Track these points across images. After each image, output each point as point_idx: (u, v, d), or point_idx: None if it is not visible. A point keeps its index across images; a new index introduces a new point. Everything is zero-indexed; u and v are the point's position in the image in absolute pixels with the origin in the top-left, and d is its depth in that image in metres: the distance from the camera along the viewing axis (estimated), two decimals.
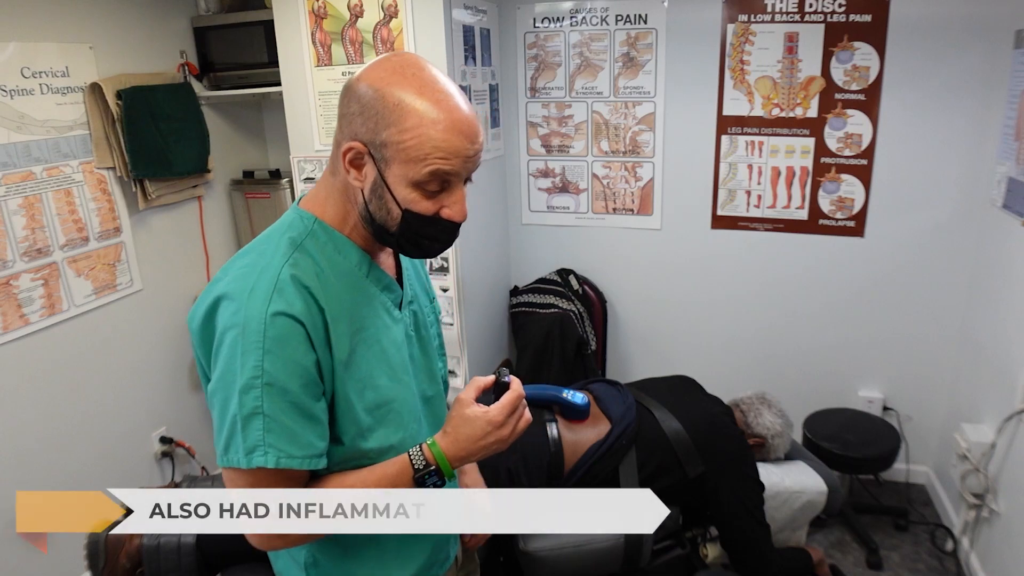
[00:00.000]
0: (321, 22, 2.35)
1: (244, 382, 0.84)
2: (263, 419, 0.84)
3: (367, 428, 0.95)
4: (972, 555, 2.29)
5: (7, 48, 2.02)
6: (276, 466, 0.85)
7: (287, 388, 0.85)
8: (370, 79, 0.86)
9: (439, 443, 0.93)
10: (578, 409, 1.88)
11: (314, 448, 0.88)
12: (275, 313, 0.84)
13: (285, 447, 0.86)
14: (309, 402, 0.87)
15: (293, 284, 0.87)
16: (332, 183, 0.94)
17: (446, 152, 0.85)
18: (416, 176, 0.86)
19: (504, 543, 1.89)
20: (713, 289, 2.88)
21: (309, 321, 0.87)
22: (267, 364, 0.84)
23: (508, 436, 0.94)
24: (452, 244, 0.97)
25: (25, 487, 2.07)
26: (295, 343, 0.85)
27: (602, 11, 2.70)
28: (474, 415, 0.93)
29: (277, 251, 0.90)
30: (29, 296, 2.10)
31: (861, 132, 2.53)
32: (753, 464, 1.89)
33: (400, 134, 0.84)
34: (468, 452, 0.94)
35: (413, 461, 0.92)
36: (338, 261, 0.94)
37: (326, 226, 0.94)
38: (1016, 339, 2.08)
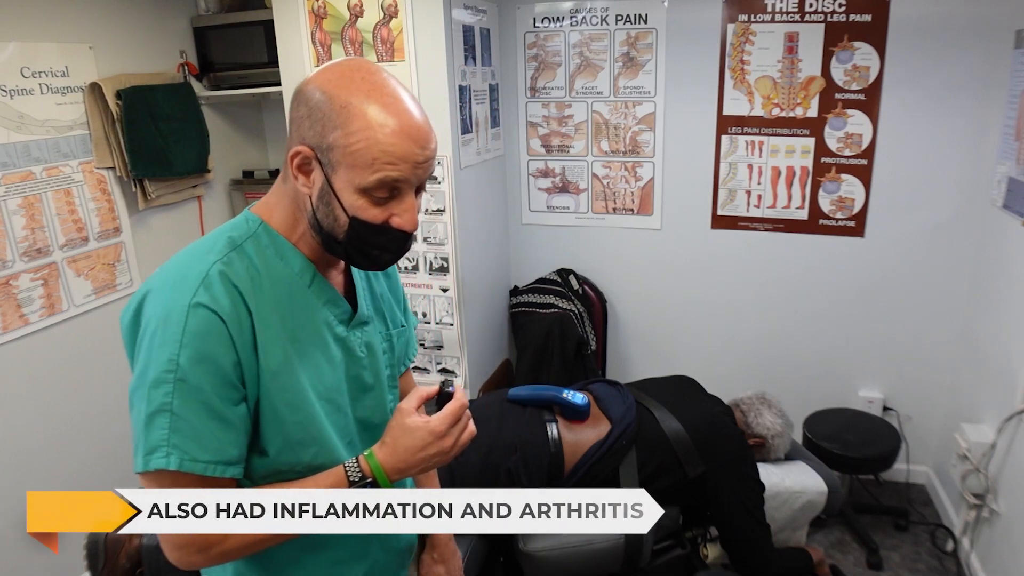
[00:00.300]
0: (321, 22, 2.35)
1: (155, 376, 0.80)
2: (170, 417, 0.80)
3: (297, 442, 0.90)
4: (972, 555, 2.29)
5: (7, 48, 2.02)
6: (179, 469, 0.80)
7: (200, 387, 0.80)
8: (320, 82, 0.83)
9: (376, 454, 0.90)
10: (578, 409, 1.88)
11: (224, 454, 0.83)
12: (197, 304, 0.80)
13: (191, 449, 0.80)
14: (224, 405, 0.82)
15: (221, 281, 0.83)
16: (283, 189, 0.91)
17: (394, 157, 0.82)
18: (363, 182, 0.82)
19: (504, 543, 1.89)
20: (713, 289, 2.88)
21: (234, 320, 0.83)
22: (182, 358, 0.79)
23: (450, 448, 0.92)
24: (402, 255, 0.93)
25: (25, 487, 2.07)
26: (215, 339, 0.81)
27: (602, 11, 2.70)
28: (415, 425, 0.89)
29: (212, 249, 0.87)
30: (29, 296, 2.10)
31: (861, 132, 2.53)
32: (753, 464, 1.89)
33: (347, 137, 0.81)
34: (407, 464, 0.90)
35: (349, 473, 0.88)
36: (278, 267, 0.90)
37: (271, 230, 0.90)
38: (1016, 339, 2.08)
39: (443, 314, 2.54)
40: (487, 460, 1.78)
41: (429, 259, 2.49)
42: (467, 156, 2.51)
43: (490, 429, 1.85)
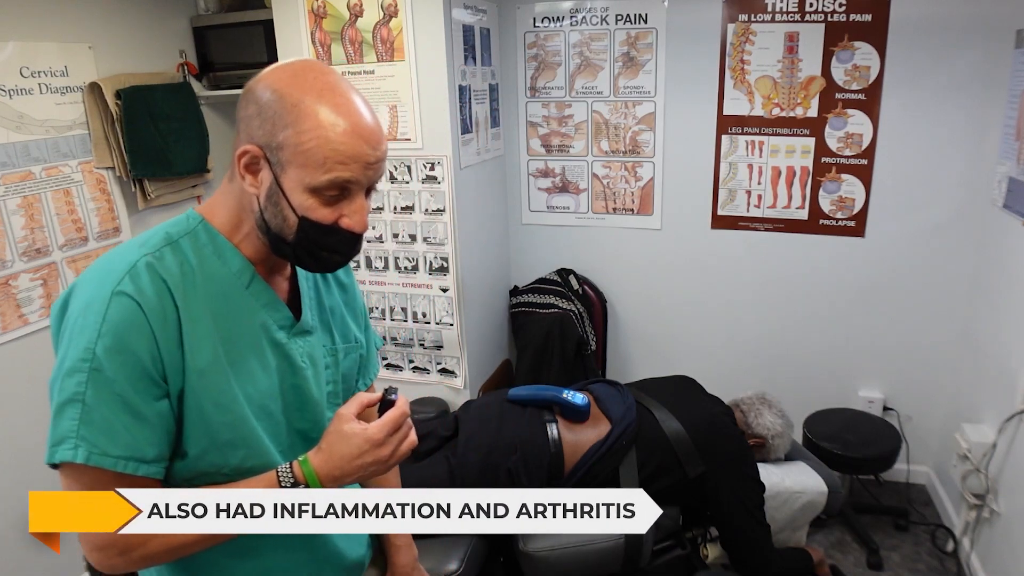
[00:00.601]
0: (321, 22, 2.35)
1: (71, 364, 0.77)
2: (81, 407, 0.76)
3: (225, 443, 0.87)
4: (973, 555, 2.29)
5: (6, 48, 2.02)
6: (86, 462, 0.76)
7: (116, 378, 0.77)
8: (270, 81, 0.82)
9: (311, 460, 0.87)
10: (578, 409, 1.87)
11: (137, 451, 0.80)
12: (119, 293, 0.78)
13: (100, 442, 0.77)
14: (140, 400, 0.79)
15: (148, 273, 0.81)
16: (229, 189, 0.89)
17: (346, 157, 0.81)
18: (314, 182, 0.81)
19: (504, 543, 1.89)
20: (713, 289, 2.88)
21: (158, 314, 0.80)
22: (99, 348, 0.76)
23: (388, 457, 0.88)
24: (352, 258, 0.91)
25: (25, 487, 2.07)
26: (135, 330, 0.78)
27: (602, 11, 2.70)
28: (352, 432, 0.86)
29: (146, 243, 0.85)
30: (28, 296, 2.10)
31: (861, 132, 2.53)
32: (753, 464, 1.88)
33: (298, 136, 0.80)
34: (343, 472, 0.87)
35: (281, 479, 0.86)
36: (215, 265, 0.88)
37: (211, 229, 0.89)
38: (1017, 339, 2.08)
39: (443, 314, 2.53)
40: (487, 460, 1.78)
41: (429, 259, 2.49)
42: (467, 156, 2.51)
43: (490, 429, 1.85)
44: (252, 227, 0.89)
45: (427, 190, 2.42)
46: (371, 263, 2.57)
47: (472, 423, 1.89)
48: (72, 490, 0.81)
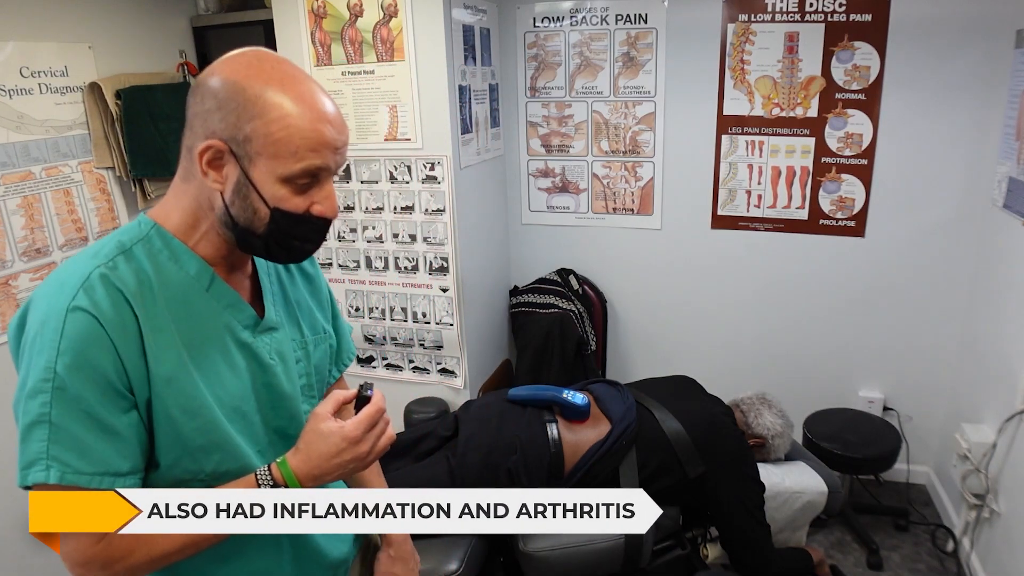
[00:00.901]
0: (321, 22, 2.35)
1: (32, 385, 0.76)
2: (48, 427, 0.75)
3: (197, 448, 0.86)
4: (973, 555, 2.29)
5: (6, 47, 2.02)
6: (60, 482, 0.75)
7: (81, 395, 0.76)
8: (227, 74, 0.80)
9: (290, 461, 0.86)
10: (578, 409, 1.87)
11: (111, 466, 0.79)
12: (75, 308, 0.76)
13: (72, 461, 0.76)
14: (108, 414, 0.78)
15: (103, 284, 0.79)
16: (183, 190, 0.87)
17: (316, 144, 0.81)
18: (287, 171, 0.81)
19: (504, 543, 1.89)
20: (713, 289, 2.88)
21: (116, 325, 0.78)
22: (59, 366, 0.75)
23: (366, 454, 0.88)
24: (321, 245, 0.91)
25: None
26: (95, 344, 0.77)
27: (602, 11, 2.70)
28: (328, 430, 0.86)
29: (99, 253, 0.83)
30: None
31: (861, 132, 2.53)
32: (753, 464, 1.88)
33: (267, 126, 0.79)
34: (322, 471, 0.86)
35: (260, 481, 0.85)
36: (171, 271, 0.86)
37: (165, 233, 0.86)
38: (1017, 339, 2.08)
39: (443, 314, 2.53)
40: (487, 460, 1.78)
41: (429, 259, 2.49)
42: (467, 156, 2.51)
43: (490, 429, 1.85)
44: (211, 226, 0.87)
45: (427, 190, 2.42)
46: (371, 263, 2.57)
47: (472, 423, 1.89)
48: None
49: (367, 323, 2.64)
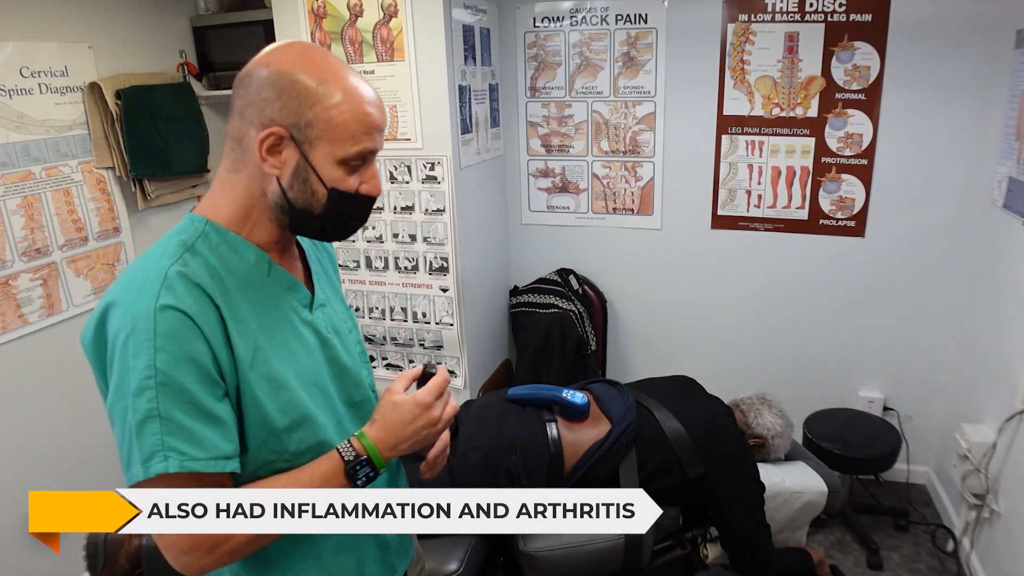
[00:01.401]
0: (321, 22, 2.35)
1: (136, 384, 0.80)
2: (159, 421, 0.79)
3: (283, 429, 0.91)
4: (973, 555, 2.29)
5: (6, 47, 2.02)
6: (180, 470, 0.80)
7: (184, 387, 0.80)
8: (280, 65, 0.86)
9: (368, 434, 0.93)
10: (578, 409, 1.87)
11: (219, 450, 0.83)
12: (163, 307, 0.80)
13: (187, 449, 0.81)
14: (209, 401, 0.83)
15: (182, 281, 0.83)
16: (232, 181, 0.91)
17: (368, 127, 0.88)
18: (344, 153, 0.87)
19: (504, 543, 1.89)
20: (713, 289, 2.88)
21: (202, 317, 0.83)
22: (159, 362, 0.79)
23: (436, 420, 0.95)
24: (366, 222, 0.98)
25: (25, 487, 2.07)
26: (188, 338, 0.81)
27: (602, 11, 2.70)
28: (402, 400, 0.94)
29: (165, 254, 0.87)
30: (28, 296, 2.10)
31: (861, 132, 2.53)
32: (753, 464, 1.88)
33: (326, 112, 0.85)
34: (398, 439, 0.93)
35: (343, 454, 0.91)
36: (234, 261, 0.90)
37: (218, 227, 0.91)
38: (1017, 339, 2.08)
39: (443, 314, 2.53)
40: (487, 460, 1.78)
41: (429, 259, 2.49)
42: (467, 156, 2.51)
43: (490, 429, 1.85)
44: (262, 212, 0.91)
45: (427, 190, 2.42)
46: (371, 263, 2.57)
47: (472, 423, 1.89)
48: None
49: (367, 323, 2.64)
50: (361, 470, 0.91)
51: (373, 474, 0.93)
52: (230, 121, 0.90)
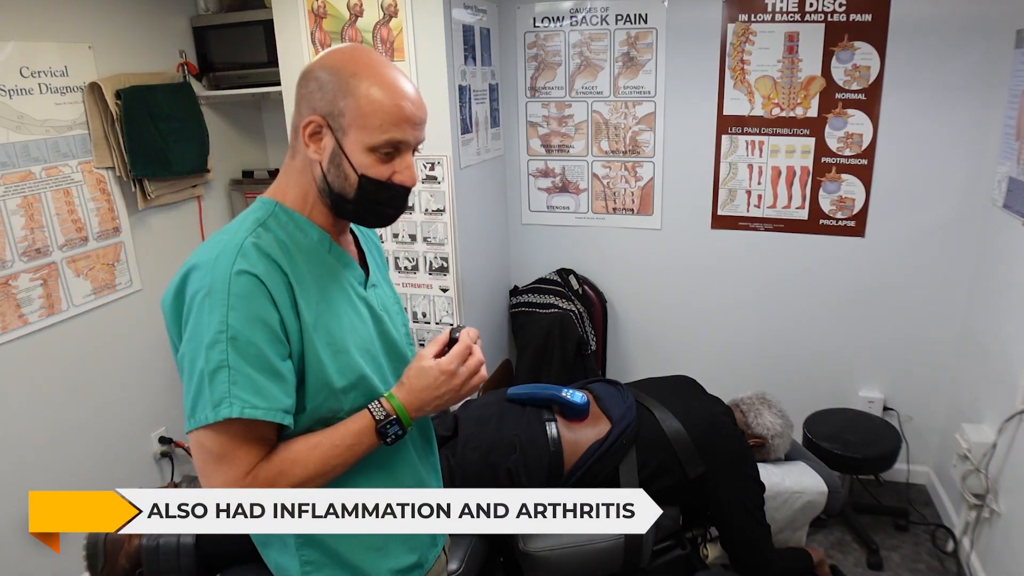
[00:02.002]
0: (321, 22, 2.35)
1: (210, 338, 0.87)
2: (228, 371, 0.87)
3: (340, 390, 0.98)
4: (973, 555, 2.29)
5: (6, 47, 2.02)
6: (241, 415, 0.87)
7: (251, 341, 0.88)
8: (327, 62, 0.96)
9: (396, 395, 0.99)
10: (578, 408, 1.87)
11: (279, 402, 0.90)
12: (239, 271, 0.89)
13: (250, 398, 0.88)
14: (274, 358, 0.90)
15: (256, 251, 0.92)
16: (292, 166, 1.01)
17: (397, 119, 0.94)
18: (372, 141, 0.94)
19: (504, 543, 1.89)
20: (713, 289, 2.88)
21: (272, 282, 0.91)
22: (231, 319, 0.87)
23: (460, 386, 1.00)
24: (403, 211, 1.04)
25: (25, 487, 2.07)
26: (259, 300, 0.89)
27: (602, 11, 2.70)
28: (428, 366, 0.99)
29: (241, 228, 0.95)
30: (28, 296, 2.10)
31: (861, 132, 2.53)
32: (753, 464, 1.88)
33: (356, 101, 0.93)
34: (422, 401, 0.99)
35: (374, 413, 0.97)
36: (300, 238, 0.99)
37: (287, 208, 1.00)
38: (1017, 339, 2.08)
39: (443, 314, 2.53)
40: (487, 460, 1.78)
41: (429, 259, 2.49)
42: (467, 156, 2.51)
43: (489, 429, 1.85)
44: (316, 197, 1.00)
45: (427, 190, 2.42)
46: None
47: (471, 423, 1.89)
48: (228, 446, 0.89)
49: None
50: (391, 428, 0.97)
51: (401, 432, 0.98)
52: (294, 113, 0.99)
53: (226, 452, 0.89)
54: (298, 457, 0.92)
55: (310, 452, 0.93)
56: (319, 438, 0.95)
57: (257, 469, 0.90)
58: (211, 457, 0.90)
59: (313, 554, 1.02)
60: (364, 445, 0.97)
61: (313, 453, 0.93)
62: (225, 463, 0.89)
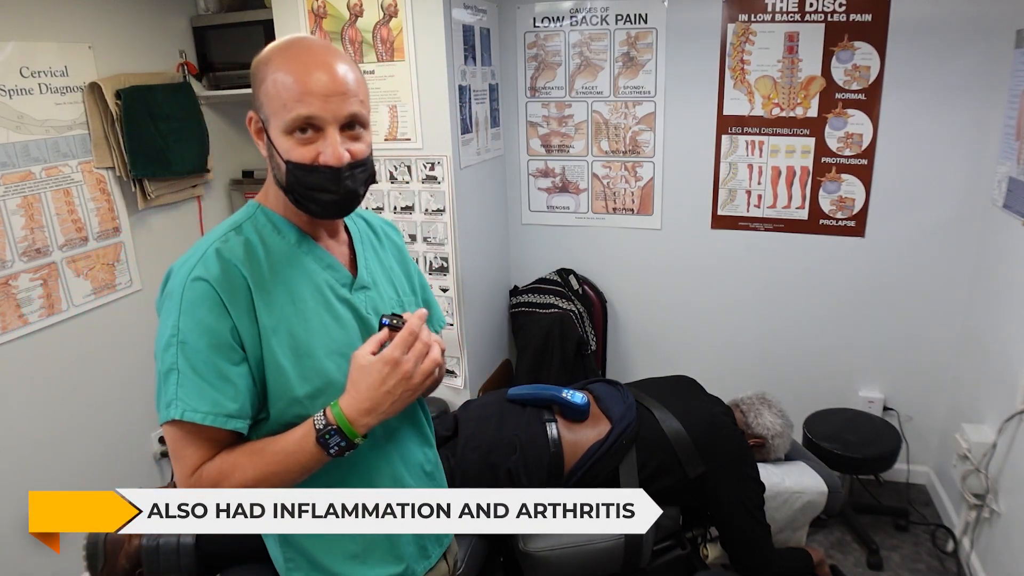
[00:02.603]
0: (320, 22, 2.35)
1: (164, 341, 0.91)
2: (177, 374, 0.89)
3: (305, 396, 0.96)
4: (973, 555, 2.29)
5: (6, 47, 2.02)
6: (182, 418, 0.88)
7: (197, 347, 0.90)
8: (258, 56, 0.95)
9: (340, 403, 0.92)
10: (578, 409, 1.87)
11: (222, 407, 0.90)
12: (194, 278, 0.91)
13: (192, 402, 0.89)
14: (221, 363, 0.90)
15: (216, 257, 0.93)
16: (268, 168, 1.00)
17: (301, 94, 0.89)
18: (282, 123, 0.91)
19: (504, 543, 1.89)
20: (713, 289, 2.88)
21: (226, 288, 0.91)
22: (182, 323, 0.90)
23: (411, 373, 0.92)
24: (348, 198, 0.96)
25: (25, 487, 2.07)
26: (208, 306, 0.90)
27: (602, 11, 2.70)
28: (368, 362, 0.92)
29: (215, 234, 0.97)
30: (28, 296, 2.10)
31: (861, 132, 2.53)
32: (753, 464, 1.88)
33: (266, 85, 0.91)
34: (373, 402, 0.91)
35: (315, 423, 0.92)
36: (275, 240, 0.99)
37: (267, 210, 1.01)
38: (1017, 339, 2.08)
39: (443, 314, 2.53)
40: (487, 460, 1.78)
41: (429, 259, 2.49)
42: (467, 156, 2.51)
43: (490, 429, 1.85)
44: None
45: (427, 190, 2.42)
46: None
47: (472, 423, 1.89)
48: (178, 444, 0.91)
49: None
50: (332, 439, 0.91)
51: (344, 443, 0.91)
52: None
53: (176, 450, 0.92)
54: (238, 461, 0.91)
55: (250, 458, 0.92)
56: (263, 444, 0.93)
57: (202, 469, 0.91)
58: (171, 452, 0.94)
59: (293, 554, 1.03)
60: (306, 454, 0.91)
61: (253, 459, 0.92)
62: (176, 460, 0.92)
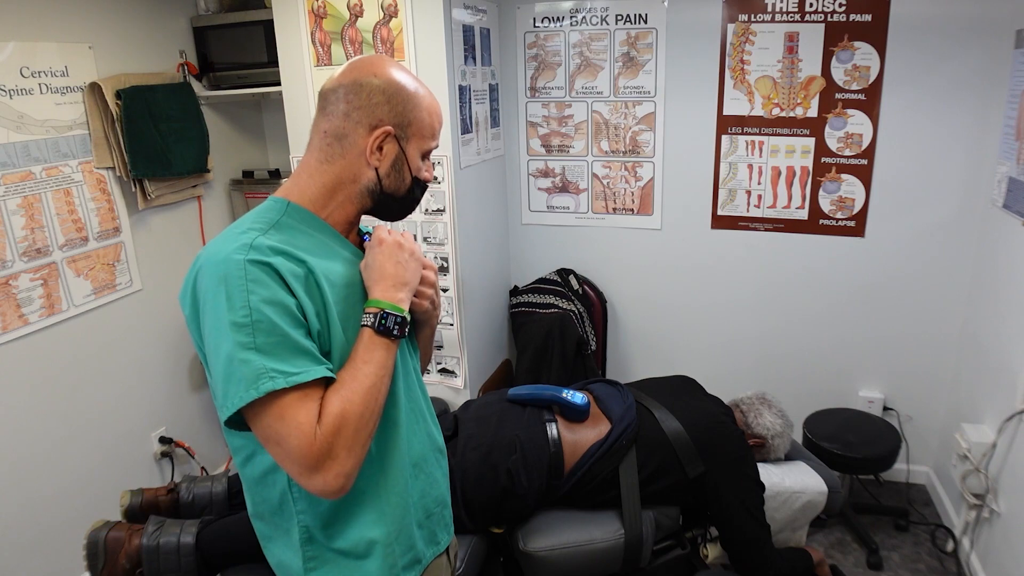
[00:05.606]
0: (321, 22, 2.35)
1: (234, 321, 0.91)
2: (257, 352, 0.91)
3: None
4: (973, 555, 2.29)
5: (6, 48, 2.02)
6: (287, 386, 0.90)
7: (274, 323, 0.92)
8: (386, 76, 1.04)
9: (372, 297, 1.03)
10: (578, 409, 1.88)
11: (317, 360, 0.95)
12: (251, 261, 0.92)
13: (287, 368, 0.91)
14: (296, 336, 0.93)
15: (267, 242, 0.96)
16: (322, 170, 1.05)
17: (436, 130, 1.10)
18: (426, 147, 1.09)
19: (504, 543, 1.89)
20: (713, 289, 2.88)
21: (287, 269, 0.94)
22: (252, 302, 0.91)
23: (403, 243, 1.07)
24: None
25: (24, 488, 2.07)
26: (274, 285, 0.93)
27: (602, 11, 2.70)
28: (371, 257, 1.05)
29: (251, 228, 0.98)
30: (28, 296, 2.10)
31: (861, 132, 2.53)
32: (753, 464, 1.88)
33: (418, 112, 1.06)
34: (395, 278, 1.04)
35: (367, 323, 1.01)
36: (309, 235, 1.04)
37: (300, 208, 1.04)
38: (1017, 339, 2.08)
39: (443, 314, 2.53)
40: (487, 460, 1.78)
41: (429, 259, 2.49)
42: (467, 156, 2.51)
43: (490, 429, 1.85)
44: (347, 197, 1.06)
45: (427, 190, 2.42)
46: None
47: (472, 423, 1.89)
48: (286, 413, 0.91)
49: None
50: (388, 321, 1.01)
51: (400, 319, 1.02)
52: (328, 120, 1.04)
53: (281, 422, 0.91)
54: (343, 397, 0.94)
55: (349, 388, 0.95)
56: (345, 374, 0.97)
57: (319, 425, 0.92)
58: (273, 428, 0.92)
59: (316, 550, 1.04)
60: (381, 349, 1.00)
61: (351, 387, 0.96)
62: (287, 431, 0.91)
